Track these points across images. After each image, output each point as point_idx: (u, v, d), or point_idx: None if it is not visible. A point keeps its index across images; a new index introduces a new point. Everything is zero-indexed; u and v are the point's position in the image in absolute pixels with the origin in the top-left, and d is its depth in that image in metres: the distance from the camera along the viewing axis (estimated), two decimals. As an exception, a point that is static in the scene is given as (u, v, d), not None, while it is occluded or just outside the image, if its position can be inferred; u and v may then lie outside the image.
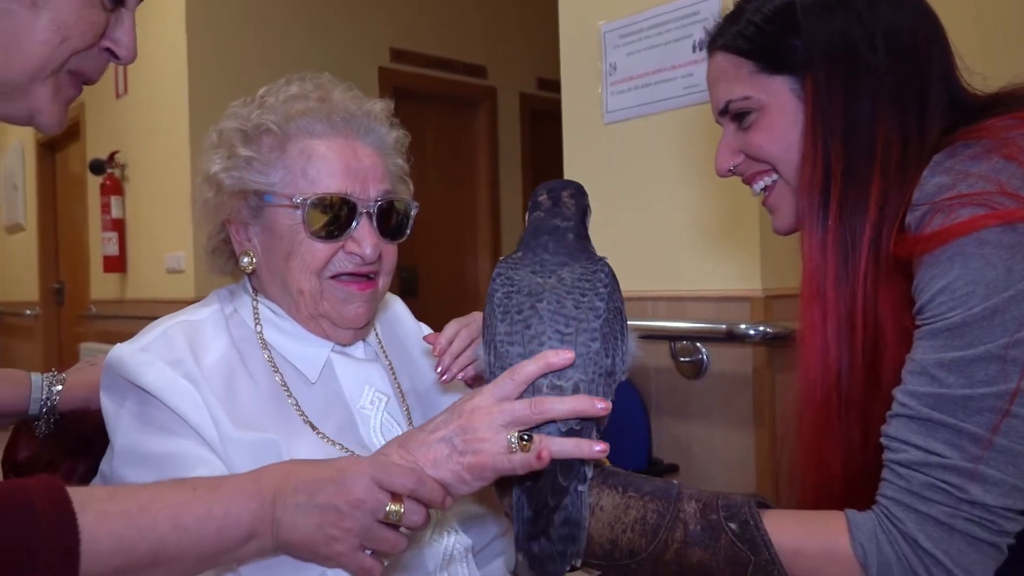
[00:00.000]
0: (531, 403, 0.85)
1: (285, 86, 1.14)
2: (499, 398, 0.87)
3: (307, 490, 0.83)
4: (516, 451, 0.84)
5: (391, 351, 1.24)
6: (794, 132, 0.98)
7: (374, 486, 0.82)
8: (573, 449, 0.84)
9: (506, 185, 5.24)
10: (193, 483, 0.84)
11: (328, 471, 0.84)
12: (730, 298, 2.04)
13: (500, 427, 0.85)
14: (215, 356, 1.06)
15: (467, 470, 0.85)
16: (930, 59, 0.95)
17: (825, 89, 0.94)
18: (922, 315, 0.85)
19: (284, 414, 1.06)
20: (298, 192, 1.07)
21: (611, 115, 2.32)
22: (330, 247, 1.09)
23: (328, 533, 0.82)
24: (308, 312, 1.11)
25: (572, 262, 0.93)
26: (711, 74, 1.06)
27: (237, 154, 1.09)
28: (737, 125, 1.03)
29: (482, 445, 0.85)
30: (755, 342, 1.97)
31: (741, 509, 0.87)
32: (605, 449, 0.84)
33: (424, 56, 4.75)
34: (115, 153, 4.46)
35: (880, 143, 0.92)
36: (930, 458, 0.82)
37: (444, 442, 0.87)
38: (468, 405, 0.88)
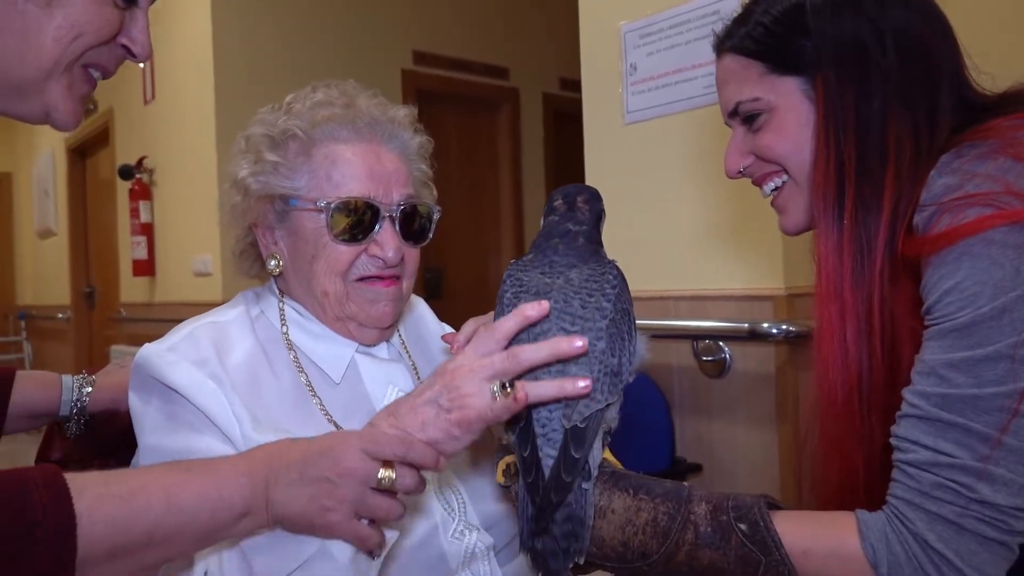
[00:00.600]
0: (508, 354, 0.87)
1: (311, 93, 1.17)
2: (480, 354, 0.89)
3: (299, 467, 0.86)
4: (499, 399, 0.85)
5: (414, 352, 1.26)
6: (804, 132, 0.98)
7: (364, 456, 0.85)
8: (556, 391, 0.86)
9: (529, 186, 5.24)
10: (188, 465, 0.87)
11: (318, 445, 0.87)
12: (752, 297, 2.04)
13: (483, 381, 0.87)
14: (240, 356, 1.08)
15: (455, 425, 0.87)
16: (939, 58, 0.95)
17: (836, 89, 0.94)
18: (930, 315, 0.85)
19: (308, 413, 1.08)
20: (322, 196, 1.10)
21: (631, 115, 2.31)
22: (353, 250, 1.11)
23: (322, 504, 0.84)
24: (334, 314, 1.14)
25: (581, 264, 0.95)
26: (720, 76, 1.06)
27: (264, 159, 1.12)
28: (746, 127, 1.04)
29: (467, 400, 0.87)
30: (778, 341, 1.97)
31: (751, 510, 0.88)
32: (588, 385, 0.85)
33: (446, 58, 4.76)
34: (143, 158, 4.51)
35: (892, 142, 0.92)
36: (939, 458, 0.82)
37: (430, 403, 0.89)
38: (451, 365, 0.90)
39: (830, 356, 0.94)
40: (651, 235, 2.23)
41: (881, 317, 0.91)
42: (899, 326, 0.91)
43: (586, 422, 0.87)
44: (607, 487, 0.91)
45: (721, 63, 1.06)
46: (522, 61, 5.15)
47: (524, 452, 0.88)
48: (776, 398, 2.00)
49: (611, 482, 0.92)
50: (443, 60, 4.75)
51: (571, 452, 0.86)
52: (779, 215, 1.07)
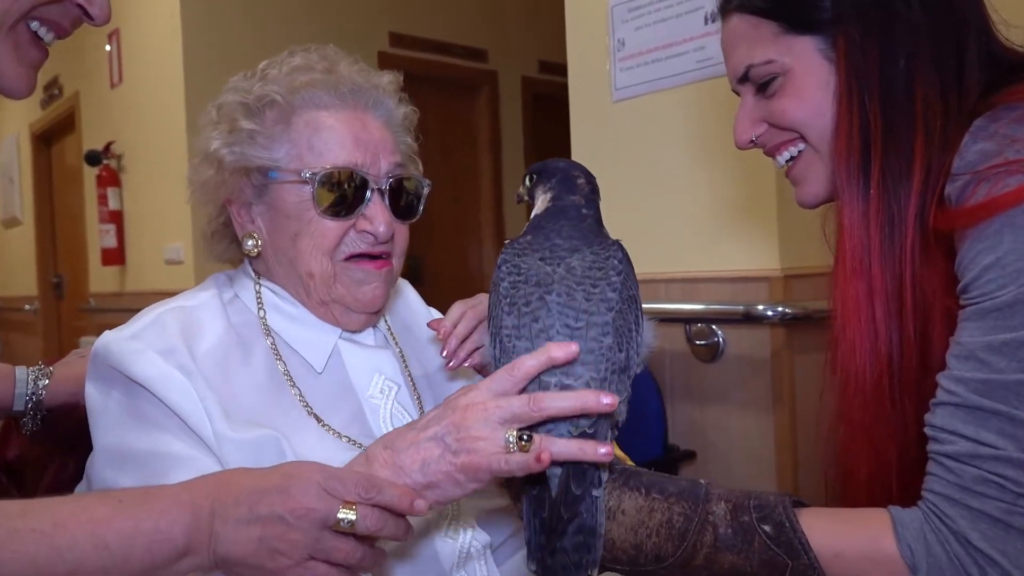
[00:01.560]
0: (530, 399, 0.79)
1: (288, 58, 1.08)
2: (496, 393, 0.80)
3: (249, 500, 0.75)
4: (514, 451, 0.77)
5: (401, 337, 1.18)
6: (824, 96, 0.90)
7: (324, 493, 0.75)
8: (576, 452, 0.78)
9: (508, 170, 5.17)
10: (119, 495, 0.77)
11: (273, 479, 0.77)
12: (747, 278, 1.97)
13: (497, 424, 0.79)
14: (211, 344, 0.99)
15: (460, 471, 0.79)
16: (965, 11, 0.88)
17: (859, 47, 0.87)
18: (968, 294, 0.78)
19: (286, 406, 1.00)
20: (305, 166, 1.01)
21: (620, 92, 2.24)
22: (341, 225, 1.03)
23: (272, 546, 0.74)
24: (319, 297, 1.05)
25: (584, 247, 0.87)
26: (727, 39, 0.98)
27: (239, 128, 1.03)
28: (758, 92, 0.96)
29: (476, 444, 0.78)
30: (773, 324, 1.91)
31: (775, 510, 0.80)
32: (610, 453, 0.78)
33: (424, 40, 4.67)
34: (111, 144, 4.40)
35: (920, 104, 0.85)
36: (981, 449, 0.75)
37: (435, 440, 0.80)
38: (463, 400, 0.81)
39: (857, 338, 0.86)
40: (641, 216, 2.16)
41: (913, 295, 0.84)
42: (930, 305, 0.84)
43: (595, 427, 0.80)
44: (617, 486, 0.84)
45: (728, 25, 0.97)
46: (501, 43, 5.08)
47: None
48: (772, 383, 1.94)
49: (621, 481, 0.84)
50: (420, 42, 4.66)
51: (570, 486, 0.79)
52: (795, 186, 0.99)
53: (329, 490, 0.75)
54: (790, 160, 0.97)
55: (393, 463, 0.81)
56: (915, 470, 0.83)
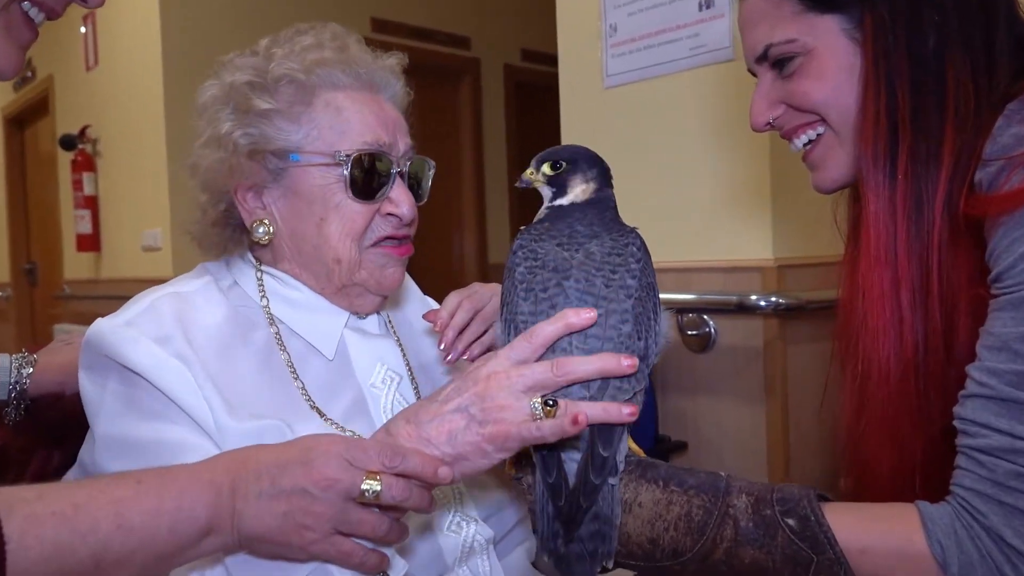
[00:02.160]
0: (553, 364, 0.77)
1: (297, 36, 1.04)
2: (516, 361, 0.79)
3: (271, 475, 0.74)
4: (540, 418, 0.75)
5: (399, 327, 1.15)
6: (847, 77, 0.88)
7: (347, 463, 0.74)
8: (600, 413, 0.76)
9: (490, 158, 5.13)
10: (138, 475, 0.74)
11: (293, 452, 0.76)
12: (740, 268, 1.96)
13: (520, 392, 0.77)
14: (209, 332, 0.96)
15: (488, 441, 0.77)
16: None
17: (888, 27, 0.84)
18: (1001, 283, 0.76)
19: (289, 397, 0.96)
20: (333, 147, 0.98)
21: (611, 79, 2.21)
22: (369, 209, 1.00)
23: (298, 521, 0.73)
24: (341, 282, 1.02)
25: (604, 233, 0.85)
26: (745, 16, 0.95)
27: (254, 108, 0.98)
28: (777, 73, 0.93)
29: (503, 413, 0.77)
30: (766, 314, 1.90)
31: (800, 503, 0.78)
32: (634, 412, 0.77)
33: (406, 26, 4.61)
34: (86, 128, 4.31)
35: (951, 87, 0.82)
36: (1017, 443, 0.72)
37: (460, 412, 0.79)
38: (483, 370, 0.80)
39: (881, 327, 0.84)
40: (633, 204, 2.12)
41: (939, 284, 0.82)
42: (956, 294, 0.82)
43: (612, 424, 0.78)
44: (633, 478, 0.81)
45: (746, 2, 0.95)
46: (484, 31, 5.03)
47: (544, 450, 0.78)
48: (764, 373, 1.93)
49: (637, 473, 0.82)
50: (403, 28, 4.60)
51: (599, 450, 0.77)
52: (812, 171, 0.96)
53: (352, 460, 0.74)
54: (807, 144, 0.95)
55: (419, 436, 0.79)
56: (939, 464, 0.81)
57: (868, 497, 0.88)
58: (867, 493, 0.90)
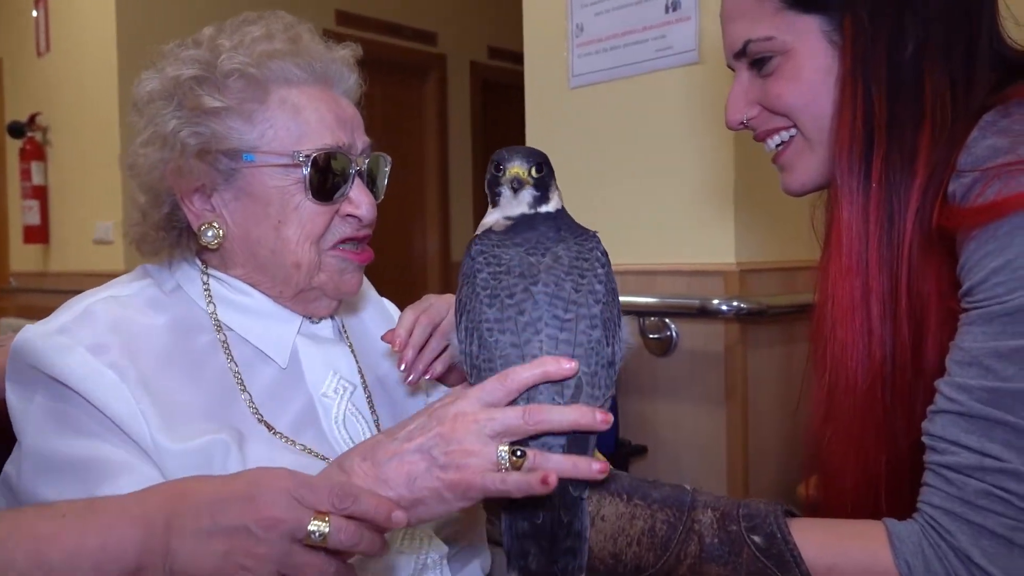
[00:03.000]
0: (525, 412, 0.73)
1: (245, 26, 0.98)
2: (486, 404, 0.74)
3: (211, 510, 0.68)
4: (506, 467, 0.71)
5: (353, 332, 1.11)
6: (824, 81, 0.86)
7: (294, 502, 0.68)
8: (570, 469, 0.72)
9: (455, 156, 5.09)
10: (62, 508, 0.69)
11: (237, 485, 0.70)
12: (702, 272, 1.95)
13: (488, 437, 0.73)
14: (149, 340, 0.90)
15: (449, 488, 0.73)
16: (979, 3, 0.84)
17: (868, 32, 0.82)
18: (972, 297, 0.74)
19: (235, 409, 0.91)
20: (291, 148, 0.93)
21: (577, 79, 2.19)
22: (328, 211, 0.95)
23: (238, 562, 0.67)
24: (299, 287, 0.97)
25: (569, 237, 0.83)
26: (727, 10, 0.93)
27: (204, 106, 0.92)
28: (755, 71, 0.91)
29: (468, 459, 0.72)
30: (728, 318, 1.89)
31: (766, 519, 0.76)
32: (605, 469, 0.73)
33: (372, 20, 4.55)
34: (36, 115, 4.17)
35: (928, 96, 0.81)
36: (986, 461, 0.71)
37: (421, 453, 0.74)
38: (451, 410, 0.75)
39: (850, 338, 0.82)
40: (596, 205, 2.11)
41: (908, 295, 0.80)
42: (925, 307, 0.80)
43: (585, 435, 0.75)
44: (596, 491, 0.79)
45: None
46: (451, 27, 4.99)
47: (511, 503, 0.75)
48: (725, 378, 1.93)
49: (600, 485, 0.79)
50: (368, 22, 4.53)
51: None
52: (782, 173, 0.95)
53: (300, 499, 0.68)
54: (780, 145, 0.93)
55: (375, 476, 0.74)
56: (905, 477, 0.80)
57: (831, 507, 0.87)
58: (831, 503, 0.88)
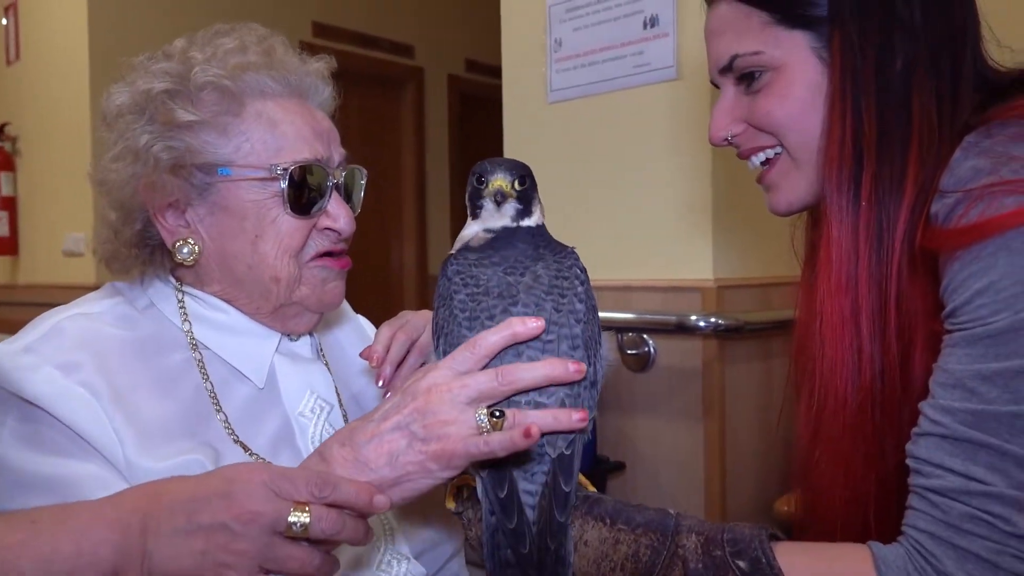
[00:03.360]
0: (497, 372, 0.73)
1: (217, 38, 0.96)
2: (458, 372, 0.74)
3: (186, 509, 0.67)
4: (487, 430, 0.70)
5: (329, 350, 1.09)
6: (813, 98, 0.85)
7: (271, 494, 0.67)
8: (552, 422, 0.72)
9: (433, 170, 5.08)
10: (33, 515, 0.67)
11: (212, 483, 0.69)
12: (679, 288, 1.95)
13: (464, 404, 0.72)
14: (123, 358, 0.88)
15: (433, 459, 0.72)
16: (964, 21, 0.84)
17: (859, 48, 0.82)
18: (956, 319, 0.74)
19: (209, 429, 0.89)
20: (268, 161, 0.91)
21: (555, 94, 2.19)
22: (306, 224, 0.94)
23: (218, 560, 0.66)
24: (279, 301, 0.95)
25: (548, 254, 0.81)
26: (712, 25, 0.92)
27: (177, 120, 0.90)
28: (742, 87, 0.90)
29: (447, 428, 0.72)
30: (706, 334, 1.89)
31: (750, 544, 0.75)
32: (584, 417, 0.73)
33: (349, 32, 4.54)
34: (5, 125, 4.11)
35: (917, 113, 0.80)
36: (971, 485, 0.71)
37: (400, 430, 0.73)
38: (423, 383, 0.74)
39: (839, 357, 0.81)
40: (574, 220, 2.11)
41: (898, 314, 0.79)
42: (913, 327, 0.80)
43: (571, 447, 0.74)
44: (579, 515, 0.78)
45: (715, 11, 0.92)
46: (428, 40, 4.99)
47: (500, 493, 0.73)
48: (703, 394, 1.92)
49: (584, 509, 0.78)
50: (345, 34, 4.52)
51: (561, 486, 0.73)
52: (767, 192, 0.94)
53: (277, 491, 0.67)
54: (764, 163, 0.92)
55: (355, 460, 0.73)
56: (893, 499, 0.79)
57: (820, 526, 0.86)
58: (819, 523, 0.87)
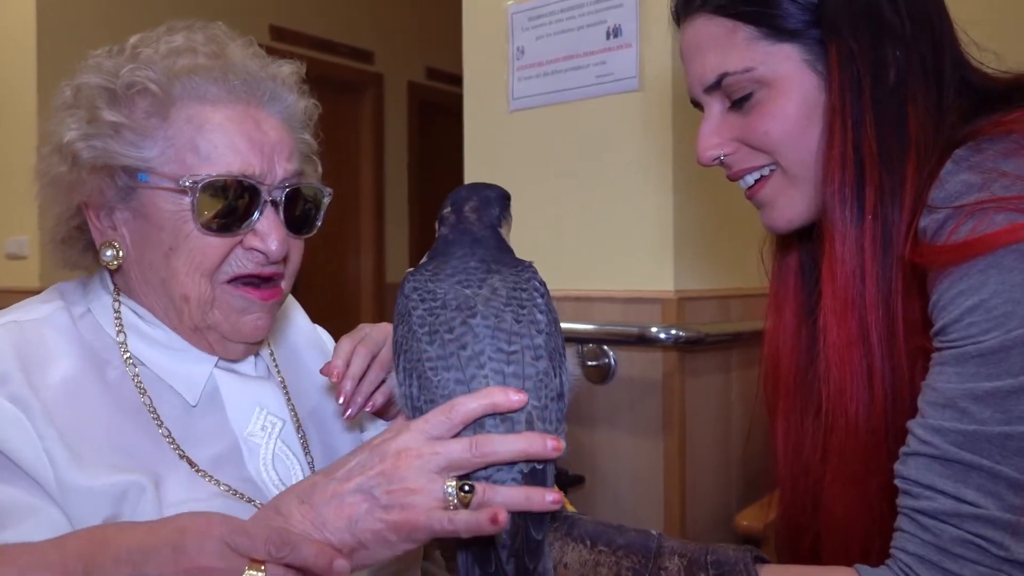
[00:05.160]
0: (471, 443, 0.69)
1: (167, 35, 0.91)
2: (431, 437, 0.70)
3: (134, 559, 0.63)
4: (455, 504, 0.67)
5: (285, 368, 1.04)
6: (809, 113, 0.83)
7: (227, 550, 0.63)
8: (522, 501, 0.69)
9: (391, 178, 5.03)
10: None
11: (163, 533, 0.65)
12: (640, 299, 1.94)
13: (433, 473, 0.69)
14: (59, 371, 0.83)
15: (392, 530, 0.68)
16: (942, 28, 0.83)
17: (859, 59, 0.80)
18: (945, 336, 0.73)
19: (153, 445, 0.85)
20: (186, 172, 0.86)
21: (517, 102, 2.17)
22: (225, 242, 0.88)
23: None
24: (193, 323, 0.90)
25: (503, 268, 0.80)
26: (692, 42, 0.89)
27: (101, 119, 0.86)
28: (731, 105, 0.87)
29: (412, 498, 0.68)
30: (666, 346, 1.88)
31: (735, 567, 0.74)
32: (558, 500, 0.70)
33: (307, 36, 4.49)
34: (-55, 122, 3.95)
35: (913, 125, 0.79)
36: (962, 508, 0.69)
37: (361, 493, 0.70)
38: (392, 446, 0.71)
39: (848, 379, 0.80)
40: (534, 231, 2.09)
41: (905, 329, 0.78)
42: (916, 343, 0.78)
43: (544, 463, 0.71)
44: (559, 536, 0.76)
45: (692, 27, 0.89)
46: (388, 46, 4.96)
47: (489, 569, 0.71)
48: (663, 406, 1.92)
49: (563, 530, 0.76)
50: (303, 38, 4.47)
51: (532, 534, 0.70)
52: (762, 208, 0.91)
53: (234, 546, 0.63)
54: (757, 180, 0.90)
55: (313, 519, 0.69)
56: None
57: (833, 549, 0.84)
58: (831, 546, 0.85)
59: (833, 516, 0.84)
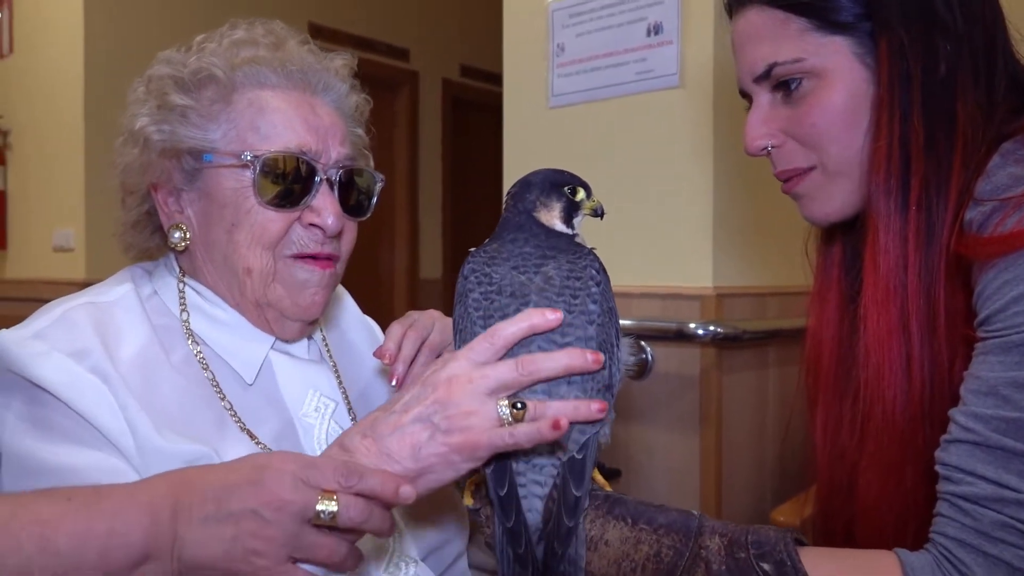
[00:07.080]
0: (518, 363, 0.73)
1: (230, 31, 0.98)
2: (476, 363, 0.74)
3: (217, 497, 0.67)
4: (509, 421, 0.71)
5: (337, 352, 1.08)
6: (857, 106, 0.84)
7: (300, 483, 0.67)
8: (572, 412, 0.73)
9: (425, 173, 5.07)
10: (67, 493, 0.67)
11: (242, 471, 0.69)
12: (679, 295, 1.95)
13: (485, 396, 0.73)
14: (133, 347, 0.87)
15: (456, 451, 0.72)
16: (995, 24, 0.84)
17: (909, 52, 0.81)
18: (990, 326, 0.74)
19: (217, 419, 0.88)
20: (248, 149, 0.90)
21: (557, 99, 2.19)
22: (285, 217, 0.92)
23: (247, 546, 0.66)
24: (255, 297, 0.94)
25: (559, 255, 0.81)
26: (745, 32, 0.90)
27: (170, 104, 0.92)
28: (780, 95, 0.88)
29: (470, 420, 0.72)
30: (704, 342, 1.89)
31: (776, 547, 0.74)
32: (603, 408, 0.73)
33: (345, 34, 4.54)
34: (-3, 118, 4.06)
35: (961, 118, 0.80)
36: (1003, 492, 0.70)
37: (422, 422, 0.73)
38: (443, 374, 0.75)
39: (887, 366, 0.81)
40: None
41: (946, 319, 0.79)
42: (956, 333, 0.79)
43: (583, 451, 0.74)
44: (600, 514, 0.77)
45: (744, 18, 0.90)
46: (424, 44, 5.00)
47: (501, 490, 0.73)
48: (700, 402, 1.92)
49: (605, 508, 0.77)
50: (341, 35, 4.52)
51: (571, 490, 0.72)
52: (800, 200, 0.92)
53: (306, 479, 0.67)
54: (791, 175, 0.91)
55: (379, 451, 0.73)
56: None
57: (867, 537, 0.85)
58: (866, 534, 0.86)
59: (868, 500, 0.86)
